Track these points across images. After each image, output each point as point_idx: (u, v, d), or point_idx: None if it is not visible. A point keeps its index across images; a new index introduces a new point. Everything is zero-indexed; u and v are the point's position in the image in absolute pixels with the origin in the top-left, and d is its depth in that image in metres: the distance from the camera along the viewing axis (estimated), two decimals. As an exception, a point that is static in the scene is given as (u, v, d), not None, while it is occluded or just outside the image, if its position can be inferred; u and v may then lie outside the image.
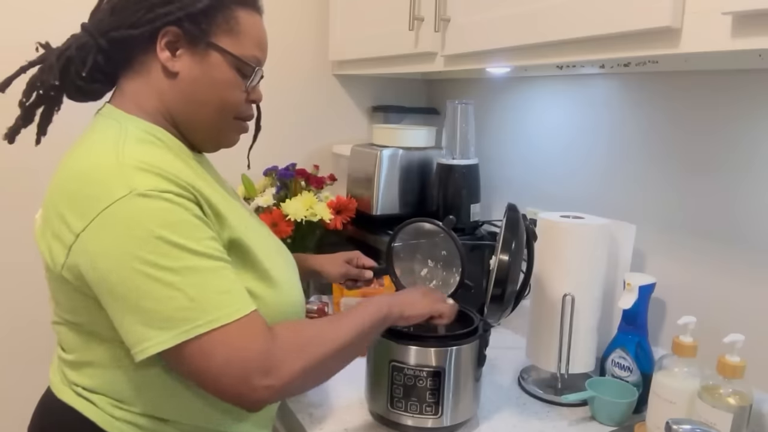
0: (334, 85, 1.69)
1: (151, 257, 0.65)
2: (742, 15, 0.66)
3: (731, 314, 0.99)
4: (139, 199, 0.66)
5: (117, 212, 0.65)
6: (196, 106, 0.79)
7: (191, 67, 0.77)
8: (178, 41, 0.76)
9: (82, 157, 0.72)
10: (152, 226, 0.65)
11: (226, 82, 0.79)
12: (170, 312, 0.65)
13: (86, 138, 0.76)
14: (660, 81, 1.09)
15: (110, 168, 0.68)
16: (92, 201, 0.66)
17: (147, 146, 0.74)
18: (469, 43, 1.08)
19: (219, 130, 0.83)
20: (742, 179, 0.97)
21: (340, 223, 1.42)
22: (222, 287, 0.68)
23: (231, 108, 0.81)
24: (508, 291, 0.95)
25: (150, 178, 0.68)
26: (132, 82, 0.79)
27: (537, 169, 1.38)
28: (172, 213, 0.67)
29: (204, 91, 0.79)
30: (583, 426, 0.99)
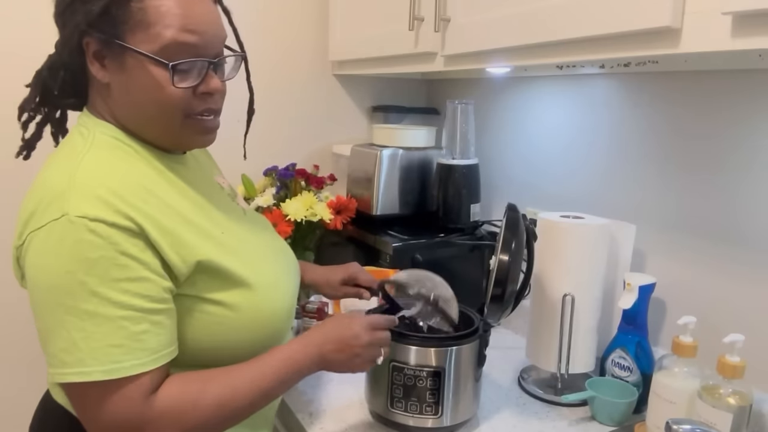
0: (334, 85, 1.69)
1: (56, 290, 0.64)
2: (742, 15, 0.66)
3: (731, 314, 1.00)
4: (67, 227, 0.64)
5: (43, 236, 0.65)
6: (137, 113, 0.74)
7: (117, 75, 0.72)
8: (101, 50, 0.71)
9: (43, 173, 0.71)
10: (67, 259, 0.63)
11: (150, 84, 0.71)
12: (54, 350, 0.65)
13: (58, 150, 0.76)
14: (660, 81, 1.09)
15: (56, 187, 0.67)
16: (32, 218, 0.66)
17: (110, 154, 0.72)
18: (469, 43, 1.08)
19: (172, 133, 0.76)
20: (742, 179, 0.97)
21: (340, 223, 1.42)
22: (115, 340, 0.65)
23: (172, 109, 0.73)
24: (508, 291, 0.95)
25: (87, 203, 0.65)
26: (92, 92, 0.77)
27: (537, 169, 1.38)
28: (93, 249, 0.64)
29: (137, 98, 0.73)
30: (583, 426, 0.99)
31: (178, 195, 0.75)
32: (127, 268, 0.66)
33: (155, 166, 0.76)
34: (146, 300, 0.67)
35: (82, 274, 0.63)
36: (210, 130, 0.79)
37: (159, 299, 0.69)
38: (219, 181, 0.92)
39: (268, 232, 0.95)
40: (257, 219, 0.97)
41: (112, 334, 0.65)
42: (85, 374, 0.64)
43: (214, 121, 0.79)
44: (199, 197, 0.80)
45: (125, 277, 0.65)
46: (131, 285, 0.66)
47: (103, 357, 0.64)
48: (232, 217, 0.85)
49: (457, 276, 1.34)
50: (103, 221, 0.64)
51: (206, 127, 0.78)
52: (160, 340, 0.69)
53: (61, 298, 0.64)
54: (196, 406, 0.70)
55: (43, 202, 0.66)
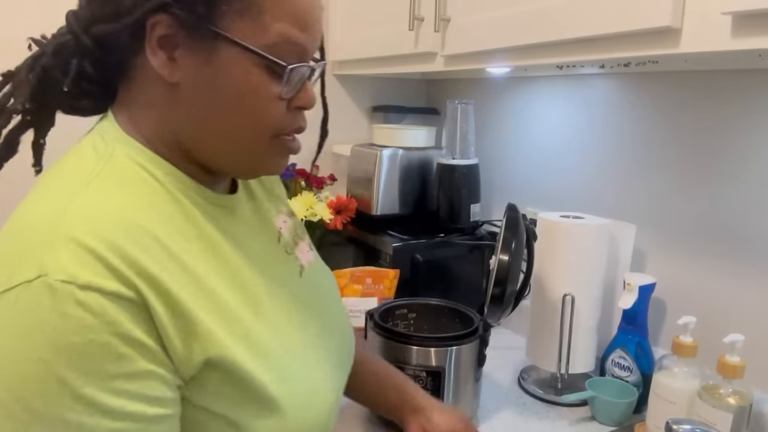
0: (334, 85, 1.69)
1: (20, 389, 0.43)
2: (742, 15, 0.66)
3: (731, 314, 0.99)
4: (43, 294, 0.43)
5: (7, 304, 0.44)
6: (211, 129, 0.55)
7: (195, 72, 0.52)
8: (175, 35, 0.51)
9: (27, 201, 0.51)
10: (42, 344, 0.43)
11: (248, 89, 0.53)
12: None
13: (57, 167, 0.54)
14: (660, 81, 1.09)
15: (35, 228, 0.46)
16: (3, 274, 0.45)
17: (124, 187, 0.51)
18: (469, 43, 1.08)
19: (252, 156, 0.57)
20: (742, 179, 0.97)
21: (340, 223, 1.42)
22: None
23: (264, 126, 0.55)
24: (508, 291, 0.95)
25: (75, 259, 0.44)
26: (129, 94, 0.56)
27: (537, 169, 1.38)
28: (81, 331, 0.43)
29: (219, 105, 0.54)
30: (583, 426, 0.99)
31: (207, 253, 0.54)
32: (126, 360, 0.45)
33: (185, 207, 0.55)
34: (150, 404, 0.47)
35: (62, 367, 0.43)
36: (293, 153, 0.61)
37: (165, 401, 0.48)
38: (278, 224, 0.70)
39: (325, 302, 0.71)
40: (316, 279, 0.72)
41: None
42: None
43: (296, 145, 0.62)
44: (239, 256, 0.58)
45: (123, 372, 0.45)
46: (130, 384, 0.46)
47: None
48: (280, 288, 0.62)
49: (457, 276, 1.35)
50: (98, 289, 0.44)
51: (291, 149, 0.60)
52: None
53: (28, 401, 0.43)
54: None
55: (12, 249, 0.46)
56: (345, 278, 1.24)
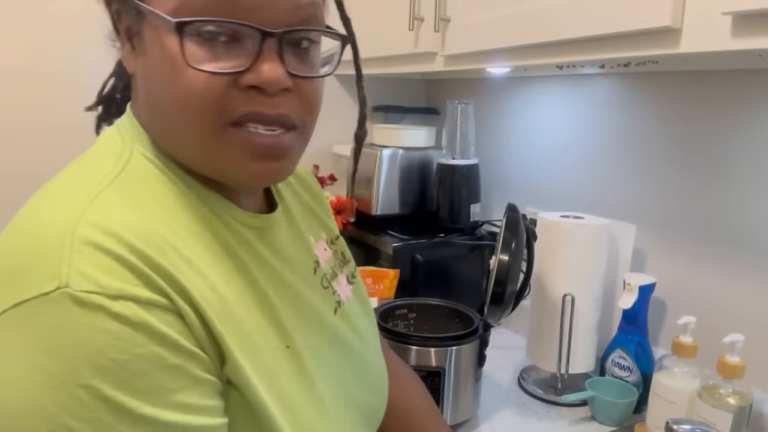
0: (334, 85, 1.69)
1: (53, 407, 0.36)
2: (742, 15, 0.66)
3: (731, 314, 0.99)
4: (68, 308, 0.37)
5: (28, 315, 0.38)
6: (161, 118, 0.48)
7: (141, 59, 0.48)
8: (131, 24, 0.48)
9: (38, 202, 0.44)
10: (81, 368, 0.37)
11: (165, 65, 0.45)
12: None
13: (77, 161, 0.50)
14: (660, 81, 1.09)
15: (50, 233, 0.40)
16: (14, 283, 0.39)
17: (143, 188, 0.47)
18: (469, 43, 1.08)
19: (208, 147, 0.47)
20: (742, 179, 0.97)
21: (340, 223, 1.42)
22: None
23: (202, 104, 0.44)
24: (508, 291, 0.95)
25: (99, 265, 0.39)
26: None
27: (537, 169, 1.38)
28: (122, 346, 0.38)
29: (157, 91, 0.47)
30: (583, 426, 0.99)
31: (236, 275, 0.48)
32: (181, 371, 0.41)
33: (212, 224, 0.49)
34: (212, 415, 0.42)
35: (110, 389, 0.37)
36: (265, 151, 0.47)
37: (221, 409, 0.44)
38: (318, 252, 0.62)
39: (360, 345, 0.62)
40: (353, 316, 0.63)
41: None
42: None
43: (274, 138, 0.48)
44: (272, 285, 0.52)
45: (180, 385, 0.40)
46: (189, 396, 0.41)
47: None
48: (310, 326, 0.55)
49: (457, 276, 1.35)
50: (132, 298, 0.39)
51: (257, 145, 0.47)
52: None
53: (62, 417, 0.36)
54: None
55: (30, 264, 0.39)
56: (345, 278, 1.24)
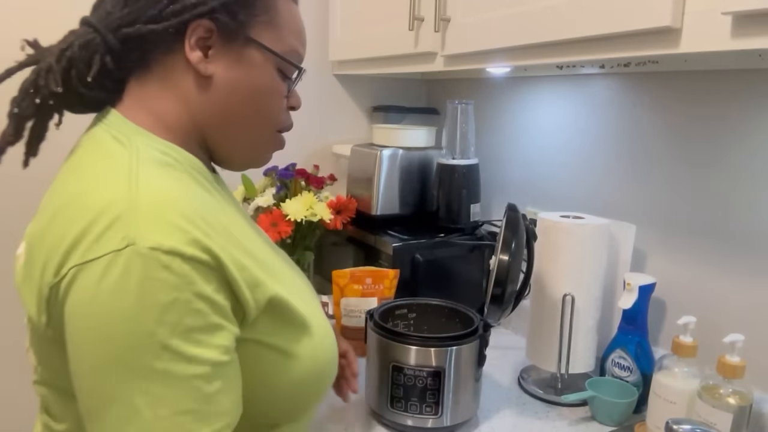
0: (334, 85, 1.69)
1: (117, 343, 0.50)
2: (742, 15, 0.66)
3: (731, 314, 1.00)
4: (134, 261, 0.50)
5: (98, 271, 0.50)
6: (233, 118, 0.65)
7: (227, 70, 0.63)
8: (210, 38, 0.62)
9: (80, 187, 0.57)
10: (134, 303, 0.50)
11: (269, 86, 0.66)
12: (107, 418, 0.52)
13: (88, 161, 0.60)
14: (660, 81, 1.09)
15: (111, 208, 0.52)
16: (78, 247, 0.52)
17: (165, 172, 0.59)
18: (469, 43, 1.08)
19: (257, 146, 0.69)
20: (742, 179, 0.98)
21: (340, 223, 1.42)
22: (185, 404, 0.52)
23: (274, 118, 0.68)
24: (508, 291, 0.95)
25: (159, 230, 0.52)
26: (148, 87, 0.64)
27: (537, 169, 1.38)
28: (167, 290, 0.51)
29: (243, 99, 0.65)
30: (583, 426, 0.99)
31: (231, 221, 0.63)
32: (202, 315, 0.53)
33: (206, 187, 0.64)
34: (220, 352, 0.55)
35: (151, 322, 0.50)
36: (280, 147, 0.73)
37: (230, 350, 0.57)
38: None
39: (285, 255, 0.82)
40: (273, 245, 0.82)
41: (184, 398, 0.52)
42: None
43: (283, 140, 0.73)
44: (245, 224, 0.69)
45: (200, 325, 0.53)
46: (205, 335, 0.53)
47: (171, 427, 0.51)
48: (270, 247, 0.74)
49: (457, 276, 1.35)
50: (180, 254, 0.51)
51: (280, 144, 0.72)
52: (232, 399, 0.57)
53: (123, 354, 0.50)
54: None
55: (93, 226, 0.52)
56: (345, 278, 1.24)
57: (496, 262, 0.96)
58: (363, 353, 1.00)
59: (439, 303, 1.08)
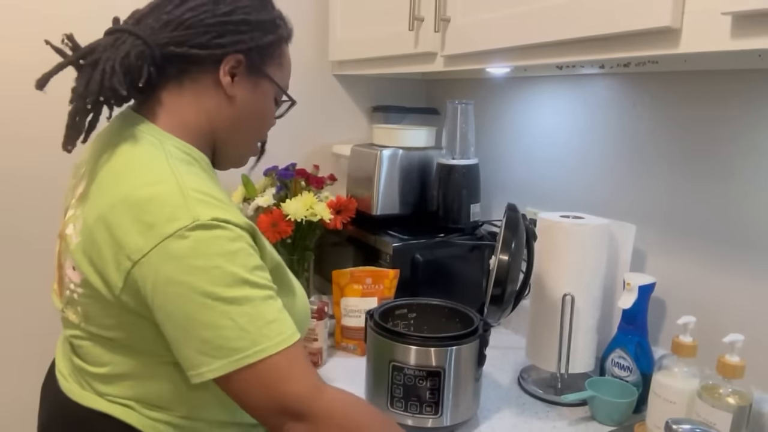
0: (334, 85, 1.69)
1: (208, 288, 0.66)
2: (741, 15, 0.66)
3: (731, 314, 1.00)
4: (201, 231, 0.66)
5: (179, 242, 0.66)
6: (240, 129, 0.83)
7: (246, 94, 0.81)
8: (238, 67, 0.79)
9: (137, 181, 0.70)
10: (212, 256, 0.66)
11: (268, 109, 0.86)
12: (222, 341, 0.66)
13: (129, 154, 0.74)
14: (660, 81, 1.09)
15: (173, 196, 0.68)
16: (155, 228, 0.66)
17: (190, 168, 0.75)
18: (469, 43, 1.08)
19: (246, 151, 0.89)
20: (741, 179, 0.98)
21: (340, 223, 1.42)
22: (270, 316, 0.69)
23: (264, 133, 0.89)
24: (507, 291, 0.95)
25: (211, 209, 0.69)
26: (178, 98, 0.78)
27: (537, 169, 1.38)
28: (231, 242, 0.68)
29: (251, 117, 0.83)
30: (583, 426, 0.99)
31: None
32: (255, 257, 0.71)
33: (214, 179, 0.80)
34: (270, 281, 0.73)
35: (230, 265, 0.67)
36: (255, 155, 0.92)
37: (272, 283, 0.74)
38: None
39: None
40: None
41: (268, 311, 0.69)
42: (261, 351, 0.67)
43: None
44: None
45: (256, 264, 0.70)
46: (261, 271, 0.71)
47: (269, 333, 0.68)
48: None
49: (457, 276, 1.35)
50: (229, 221, 0.69)
51: (257, 151, 0.92)
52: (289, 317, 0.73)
53: (216, 292, 0.66)
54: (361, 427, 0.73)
55: (162, 214, 0.67)
56: (345, 278, 1.24)
57: (496, 262, 0.96)
58: (363, 353, 1.00)
59: (439, 303, 1.08)
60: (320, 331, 1.17)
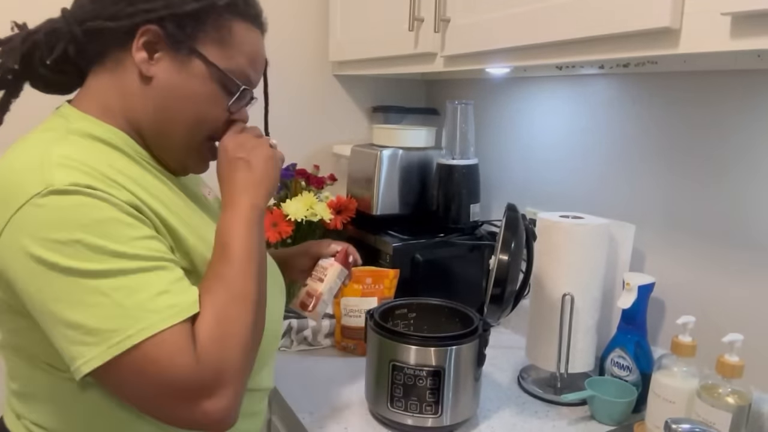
0: (334, 86, 1.69)
1: (70, 262, 0.56)
2: (741, 15, 0.66)
3: (731, 314, 1.00)
4: (56, 197, 0.57)
5: (30, 212, 0.57)
6: (167, 118, 0.70)
7: (168, 74, 0.69)
8: (157, 42, 0.68)
9: (8, 158, 0.63)
10: (70, 226, 0.57)
11: (205, 95, 0.71)
12: (96, 322, 0.56)
13: (26, 137, 0.67)
14: (659, 81, 1.10)
15: (29, 166, 0.59)
16: (5, 204, 0.58)
17: (88, 144, 0.66)
18: (469, 43, 1.08)
19: (187, 149, 0.74)
20: (741, 179, 0.98)
21: (340, 223, 1.42)
22: (158, 287, 0.59)
23: (205, 126, 0.73)
24: (507, 291, 0.95)
25: (71, 173, 0.59)
26: (99, 79, 0.70)
27: (536, 169, 1.38)
28: (94, 210, 0.58)
29: (178, 103, 0.70)
30: (583, 425, 0.99)
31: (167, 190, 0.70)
32: (135, 226, 0.60)
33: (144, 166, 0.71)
34: (165, 253, 0.63)
35: (94, 237, 0.57)
36: (213, 159, 0.77)
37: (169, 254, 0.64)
38: (203, 191, 0.87)
39: None
40: None
41: (156, 282, 0.59)
42: (145, 330, 0.56)
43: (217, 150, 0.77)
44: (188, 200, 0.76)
45: (136, 234, 0.60)
46: (150, 242, 0.61)
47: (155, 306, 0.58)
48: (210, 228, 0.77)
49: (457, 276, 1.35)
50: (95, 186, 0.59)
51: (213, 154, 0.76)
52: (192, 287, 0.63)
53: (80, 266, 0.56)
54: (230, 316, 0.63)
55: (12, 185, 0.59)
56: (345, 278, 1.24)
57: (495, 262, 0.96)
58: (363, 353, 1.00)
59: (439, 303, 1.08)
60: (330, 275, 0.96)
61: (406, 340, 0.92)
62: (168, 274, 0.61)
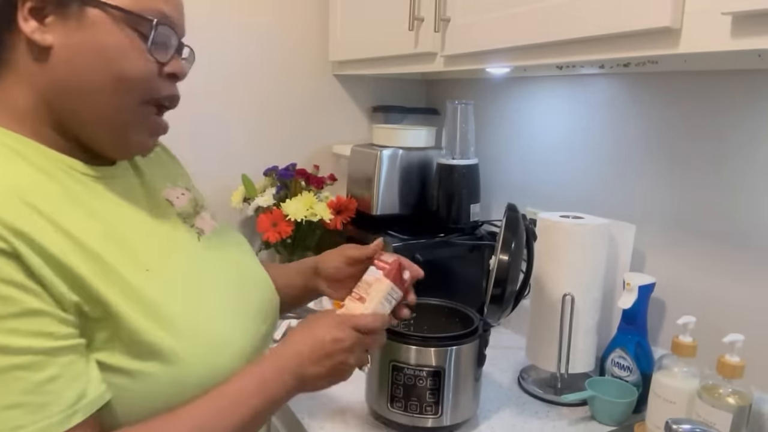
0: (334, 85, 1.69)
1: None
2: (741, 15, 0.66)
3: (731, 314, 1.00)
4: None
5: None
6: (82, 89, 0.58)
7: (66, 36, 0.57)
8: (44, 6, 0.57)
9: None
10: None
11: (115, 46, 0.58)
12: None
13: None
14: (660, 81, 1.09)
15: None
16: None
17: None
18: (469, 43, 1.08)
19: (121, 122, 0.61)
20: (741, 179, 0.98)
21: (340, 223, 1.42)
22: (10, 398, 0.47)
23: (131, 84, 0.59)
24: (507, 291, 0.95)
25: None
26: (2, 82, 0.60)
27: (537, 169, 1.38)
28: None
29: (88, 65, 0.58)
30: (583, 426, 0.99)
31: (88, 219, 0.58)
32: (12, 301, 0.48)
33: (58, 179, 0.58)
34: (47, 338, 0.50)
35: None
36: (160, 131, 0.65)
37: (64, 335, 0.52)
38: (170, 196, 0.73)
39: (232, 262, 0.75)
40: (221, 243, 0.75)
41: (6, 391, 0.47)
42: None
43: (165, 124, 0.65)
44: (124, 221, 0.62)
45: (11, 312, 0.48)
46: (21, 322, 0.49)
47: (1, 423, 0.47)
48: (174, 250, 0.67)
49: (457, 276, 1.35)
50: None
51: (159, 125, 0.65)
52: (78, 386, 0.52)
53: None
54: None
55: None
56: (345, 278, 1.24)
57: (495, 262, 0.96)
58: None
59: (439, 303, 1.08)
60: (375, 293, 0.78)
61: (406, 341, 0.92)
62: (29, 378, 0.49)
